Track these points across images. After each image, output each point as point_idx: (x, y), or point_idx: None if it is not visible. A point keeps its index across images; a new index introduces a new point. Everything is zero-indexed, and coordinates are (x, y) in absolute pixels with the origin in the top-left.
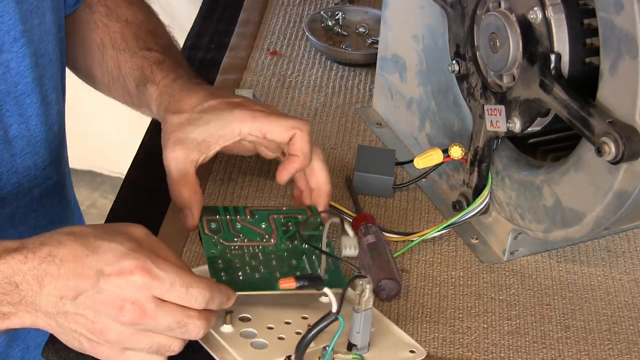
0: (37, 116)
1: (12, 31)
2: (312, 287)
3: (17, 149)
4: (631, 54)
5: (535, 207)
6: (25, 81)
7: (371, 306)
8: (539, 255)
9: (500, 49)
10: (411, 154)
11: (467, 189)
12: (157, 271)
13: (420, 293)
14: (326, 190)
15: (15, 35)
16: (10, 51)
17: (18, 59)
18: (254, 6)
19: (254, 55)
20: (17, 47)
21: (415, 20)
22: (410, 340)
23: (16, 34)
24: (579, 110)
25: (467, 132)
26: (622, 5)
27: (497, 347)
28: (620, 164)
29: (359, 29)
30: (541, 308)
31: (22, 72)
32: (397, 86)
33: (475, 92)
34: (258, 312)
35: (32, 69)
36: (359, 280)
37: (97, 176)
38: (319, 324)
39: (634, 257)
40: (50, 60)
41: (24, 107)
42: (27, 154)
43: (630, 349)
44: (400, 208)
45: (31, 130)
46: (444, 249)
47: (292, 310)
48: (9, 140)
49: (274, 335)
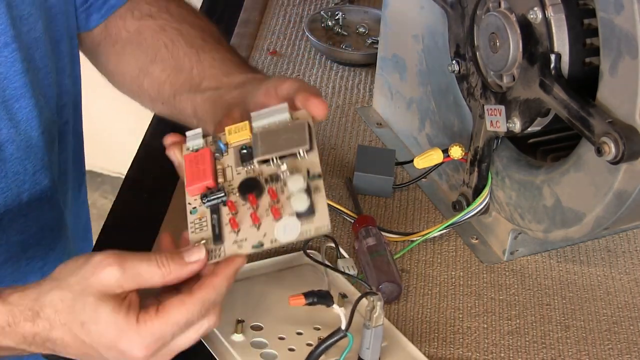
0: (27, 121)
1: (3, 36)
2: (321, 303)
3: (7, 153)
4: (631, 54)
5: (535, 207)
6: (14, 86)
7: (382, 323)
8: (539, 255)
9: (500, 49)
10: (411, 154)
11: (467, 189)
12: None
13: (420, 293)
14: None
15: (5, 40)
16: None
17: (8, 64)
18: (254, 6)
19: (254, 55)
20: (7, 52)
21: (415, 20)
22: (421, 355)
23: (7, 39)
24: (579, 110)
25: (467, 132)
26: (622, 5)
27: (497, 347)
28: (620, 164)
29: (359, 29)
30: (541, 308)
31: (11, 77)
32: (397, 86)
33: (475, 92)
34: (270, 320)
35: (23, 74)
36: (369, 297)
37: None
38: (328, 339)
39: (634, 257)
40: (44, 65)
41: (13, 112)
42: (16, 158)
43: (630, 349)
44: (400, 208)
45: (21, 135)
46: (444, 249)
47: (305, 320)
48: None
49: (284, 346)
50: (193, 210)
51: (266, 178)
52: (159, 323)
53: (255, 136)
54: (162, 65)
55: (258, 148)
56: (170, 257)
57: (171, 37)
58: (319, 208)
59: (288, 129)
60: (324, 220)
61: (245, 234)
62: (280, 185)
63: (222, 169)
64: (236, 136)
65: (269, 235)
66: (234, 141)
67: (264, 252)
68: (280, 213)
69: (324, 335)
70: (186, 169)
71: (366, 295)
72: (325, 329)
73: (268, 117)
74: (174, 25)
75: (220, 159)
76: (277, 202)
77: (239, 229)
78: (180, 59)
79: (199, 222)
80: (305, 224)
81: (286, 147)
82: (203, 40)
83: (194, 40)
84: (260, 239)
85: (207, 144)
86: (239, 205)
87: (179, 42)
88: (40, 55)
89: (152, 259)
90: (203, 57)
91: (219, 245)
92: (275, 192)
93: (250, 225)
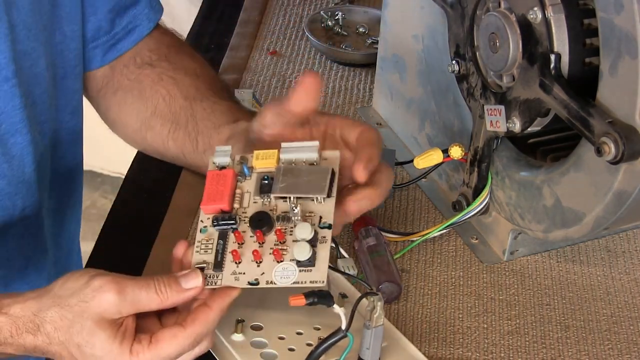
0: (22, 156)
1: (4, 70)
2: (321, 303)
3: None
4: (631, 54)
5: (535, 207)
6: (12, 121)
7: (382, 323)
8: (539, 255)
9: (500, 49)
10: (411, 154)
11: (467, 189)
12: None
13: (420, 293)
14: None
15: (6, 74)
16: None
17: (6, 99)
18: (254, 6)
19: (254, 55)
20: (7, 86)
21: (415, 20)
22: (421, 355)
23: (7, 73)
24: (578, 110)
25: (467, 132)
26: (622, 5)
27: (497, 347)
28: (620, 164)
29: (359, 29)
30: (541, 308)
31: (9, 112)
32: (397, 86)
33: (475, 92)
34: (270, 320)
35: (21, 109)
36: (370, 297)
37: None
38: (328, 339)
39: (634, 257)
40: (42, 101)
41: (8, 147)
42: (6, 194)
43: (630, 349)
44: (400, 208)
45: (14, 170)
46: (444, 249)
47: (305, 319)
48: None
49: (284, 346)
50: (203, 229)
51: (279, 215)
52: (150, 355)
53: (279, 170)
54: (161, 120)
55: (277, 184)
56: (167, 284)
57: (167, 87)
58: (319, 262)
59: (311, 171)
60: (321, 275)
61: (245, 268)
62: (290, 227)
63: (241, 194)
64: (262, 162)
65: (266, 276)
66: (259, 167)
67: None
68: (282, 256)
69: (324, 335)
70: (206, 185)
71: (366, 295)
72: (325, 329)
73: (297, 152)
74: (170, 74)
75: (242, 181)
76: (284, 243)
77: (240, 261)
78: (177, 113)
79: (206, 244)
80: (303, 273)
81: (304, 190)
82: (196, 89)
83: (188, 90)
84: (257, 276)
85: (234, 163)
86: (247, 237)
87: (175, 93)
88: (40, 91)
89: (150, 286)
90: (196, 109)
91: (218, 272)
92: (283, 233)
93: (252, 260)
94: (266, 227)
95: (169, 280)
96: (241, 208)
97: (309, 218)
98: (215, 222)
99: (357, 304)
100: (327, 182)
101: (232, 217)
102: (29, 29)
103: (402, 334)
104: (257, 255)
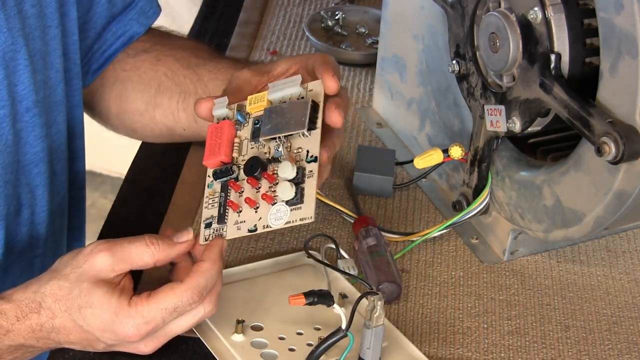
0: (43, 186)
1: (25, 101)
2: (321, 303)
3: (23, 218)
4: (631, 54)
5: (535, 207)
6: (34, 151)
7: (382, 323)
8: (539, 255)
9: (500, 49)
10: (411, 154)
11: (467, 189)
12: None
13: (420, 293)
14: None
15: (27, 105)
16: (21, 121)
17: (28, 129)
18: (254, 6)
19: (254, 55)
20: (28, 116)
21: (415, 20)
22: (421, 355)
23: (29, 103)
24: (579, 110)
25: (467, 132)
26: (622, 5)
27: (497, 347)
28: (620, 164)
29: (359, 29)
30: (541, 308)
31: (31, 142)
32: (397, 86)
33: (475, 92)
34: (270, 320)
35: (42, 138)
36: (370, 296)
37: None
38: (329, 339)
39: (634, 257)
40: (58, 130)
41: (31, 177)
42: (30, 223)
43: (630, 349)
44: (400, 208)
45: (37, 199)
46: (444, 249)
47: (305, 319)
48: (19, 209)
49: (284, 346)
50: (210, 184)
51: (270, 158)
52: (149, 307)
53: (265, 113)
54: (168, 94)
55: (264, 126)
56: (159, 237)
57: (168, 64)
58: (307, 198)
59: (292, 107)
60: (309, 212)
61: (245, 216)
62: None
63: (240, 142)
64: (255, 107)
65: (263, 221)
66: (253, 112)
67: (264, 252)
68: (274, 198)
69: (324, 335)
70: (207, 140)
71: (366, 294)
72: (325, 329)
73: (282, 89)
74: (168, 53)
75: (240, 129)
76: (276, 185)
77: (241, 210)
78: (183, 83)
79: (212, 198)
80: (294, 212)
81: (287, 128)
82: (196, 57)
83: (189, 60)
84: (255, 222)
85: (234, 114)
86: (245, 184)
87: (176, 67)
88: (62, 120)
89: (140, 239)
90: (200, 73)
91: (222, 225)
92: (272, 175)
93: (249, 207)
94: (259, 172)
95: (160, 236)
96: (240, 156)
97: (298, 154)
98: (215, 176)
99: (357, 304)
100: (307, 116)
101: (228, 169)
102: (44, 58)
103: (402, 334)
104: (251, 202)
